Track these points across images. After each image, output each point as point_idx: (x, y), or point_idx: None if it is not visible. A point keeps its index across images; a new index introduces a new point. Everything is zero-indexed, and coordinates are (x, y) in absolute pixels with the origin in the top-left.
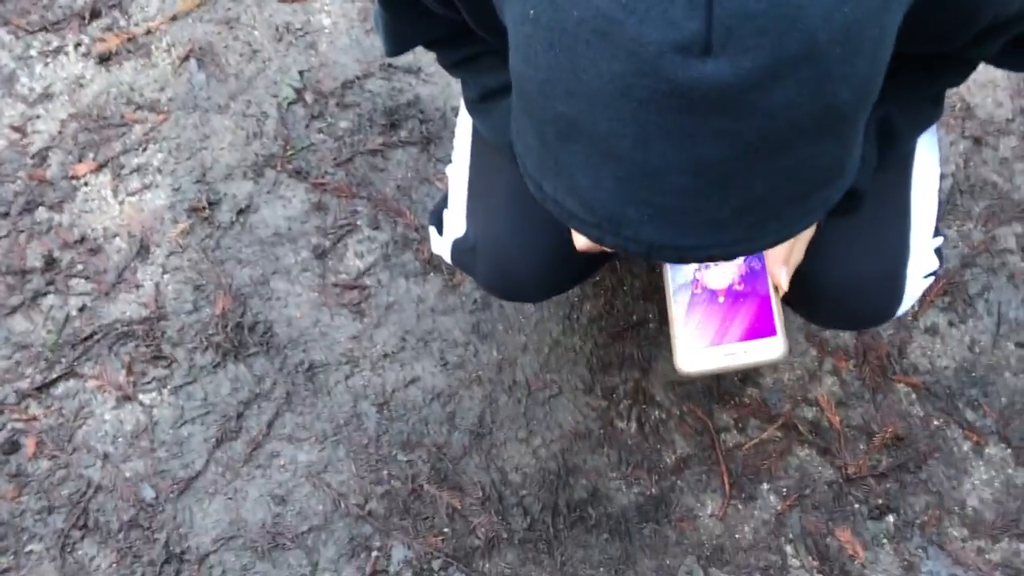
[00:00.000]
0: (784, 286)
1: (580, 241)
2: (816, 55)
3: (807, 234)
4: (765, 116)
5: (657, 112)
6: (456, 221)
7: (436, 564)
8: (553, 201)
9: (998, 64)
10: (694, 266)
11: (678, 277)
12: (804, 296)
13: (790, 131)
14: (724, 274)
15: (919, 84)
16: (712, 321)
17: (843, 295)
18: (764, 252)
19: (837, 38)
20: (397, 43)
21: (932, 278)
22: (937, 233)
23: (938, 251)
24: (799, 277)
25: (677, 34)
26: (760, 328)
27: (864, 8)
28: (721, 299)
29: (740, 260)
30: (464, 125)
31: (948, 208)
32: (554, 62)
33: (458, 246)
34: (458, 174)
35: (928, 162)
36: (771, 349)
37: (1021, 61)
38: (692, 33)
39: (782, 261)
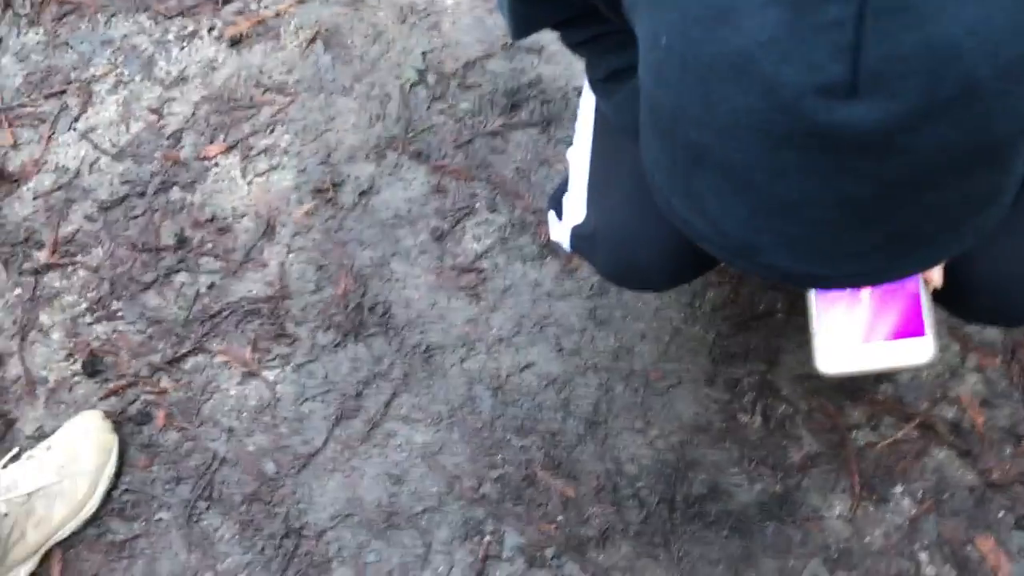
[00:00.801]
0: (938, 281)
1: None
2: (975, 94)
3: None
4: (914, 157)
5: (796, 149)
6: (576, 206)
7: (549, 552)
8: (683, 220)
9: None
10: None
11: None
12: (953, 289)
13: (940, 169)
14: None
15: None
16: (855, 319)
17: (995, 288)
18: None
19: (999, 74)
20: (522, 26)
21: None
22: None
23: None
24: (948, 268)
25: (820, 77)
26: (908, 327)
27: None
28: (866, 295)
29: None
30: (587, 107)
31: None
32: (686, 90)
33: (577, 232)
34: (579, 158)
35: None
36: (920, 351)
37: None
38: (836, 76)
39: None
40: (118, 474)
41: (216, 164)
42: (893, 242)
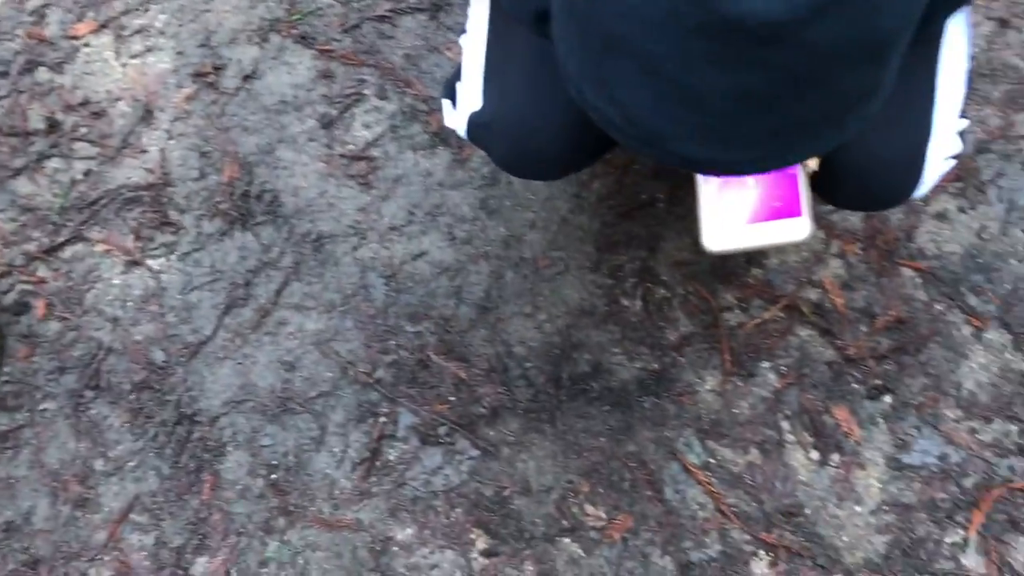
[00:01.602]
0: (813, 165)
1: None
2: None
3: None
4: (810, 49)
5: (705, 40)
6: (472, 95)
7: (442, 431)
8: (593, 107)
9: None
10: None
11: None
12: (824, 176)
13: (833, 62)
14: None
15: None
16: (739, 200)
17: (862, 174)
18: None
19: None
20: None
21: (954, 161)
22: (963, 116)
23: (962, 134)
24: (822, 157)
25: None
26: (786, 208)
27: None
28: (749, 179)
29: None
30: None
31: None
32: None
33: (474, 120)
34: (473, 45)
35: (958, 43)
36: (797, 229)
37: None
38: None
39: None
40: None
41: (86, 44)
42: (787, 130)
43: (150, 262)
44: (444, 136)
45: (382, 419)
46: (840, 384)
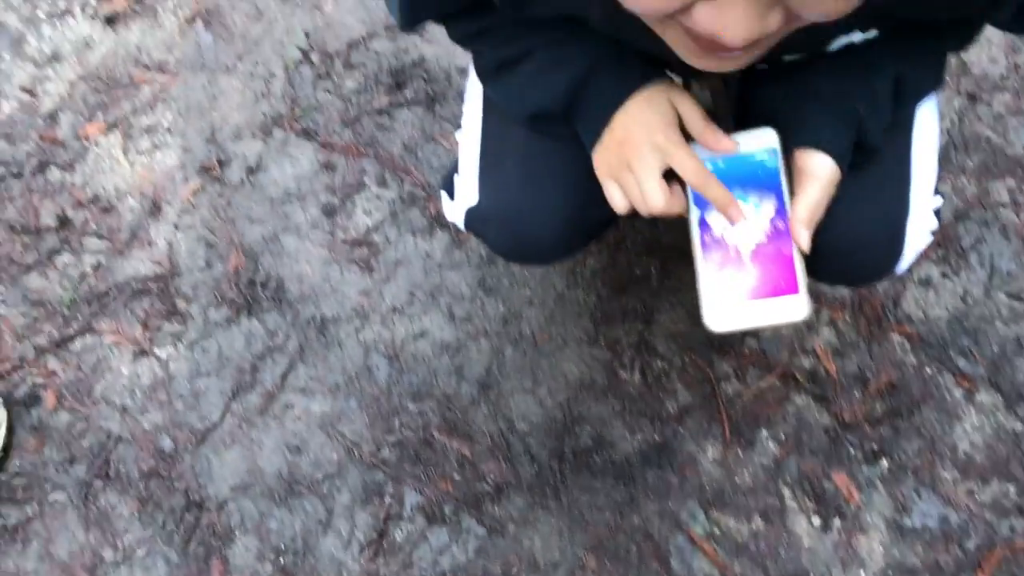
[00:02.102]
0: (806, 247)
1: (619, 205)
2: None
3: (830, 199)
4: None
5: None
6: (468, 188)
7: (447, 509)
8: None
9: (1009, 28)
10: (723, 221)
11: (705, 236)
12: (810, 254)
13: None
14: (750, 233)
15: (927, 49)
16: (738, 279)
17: (844, 252)
18: (789, 212)
19: None
20: (414, 16)
21: (931, 236)
22: (936, 192)
23: (936, 211)
24: None
25: None
26: (784, 287)
27: None
28: (747, 258)
29: (766, 219)
30: (474, 90)
31: (943, 162)
32: None
33: (471, 213)
34: (469, 140)
35: (929, 124)
36: (795, 308)
37: None
38: None
39: (806, 223)
40: (6, 451)
41: (96, 144)
42: None
43: (158, 351)
44: (442, 219)
45: (388, 499)
46: (838, 449)
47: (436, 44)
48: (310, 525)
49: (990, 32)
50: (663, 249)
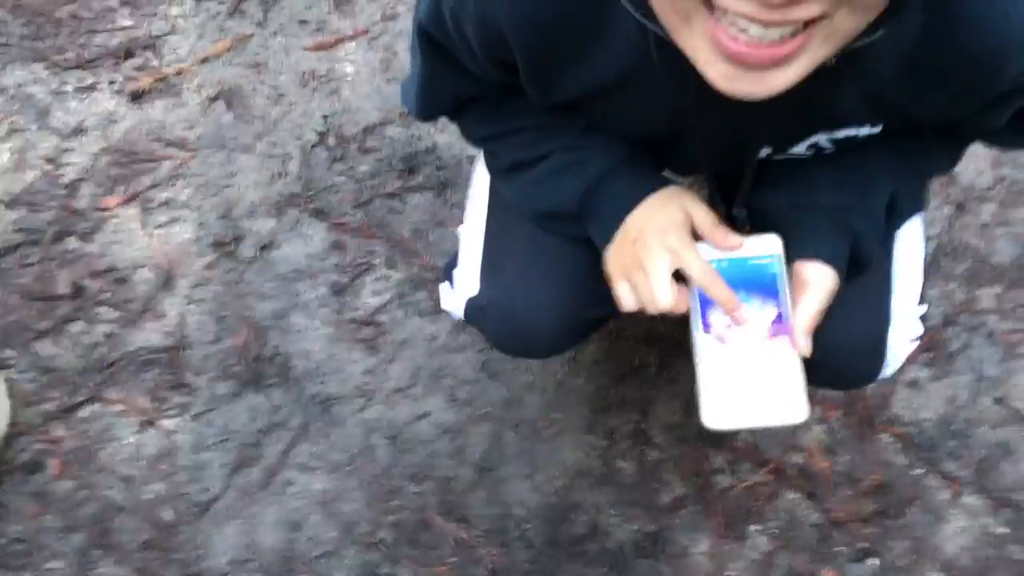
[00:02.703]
0: (807, 353)
1: (627, 303)
2: None
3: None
4: None
5: None
6: (469, 279)
7: None
8: None
9: (1000, 142)
10: (724, 322)
11: (707, 335)
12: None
13: None
14: (750, 335)
15: (918, 168)
16: (737, 379)
17: (829, 358)
18: (790, 318)
19: None
20: (430, 106)
21: (916, 343)
22: (922, 301)
23: (922, 317)
24: None
25: None
26: (783, 390)
27: None
28: (747, 359)
29: (767, 322)
30: (479, 184)
31: (932, 268)
32: None
33: (472, 305)
34: (472, 233)
35: (913, 236)
36: (793, 411)
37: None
38: None
39: (807, 330)
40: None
41: (115, 215)
42: None
43: (164, 422)
44: None
45: None
46: (827, 547)
47: (448, 132)
48: None
49: (976, 146)
50: (661, 340)
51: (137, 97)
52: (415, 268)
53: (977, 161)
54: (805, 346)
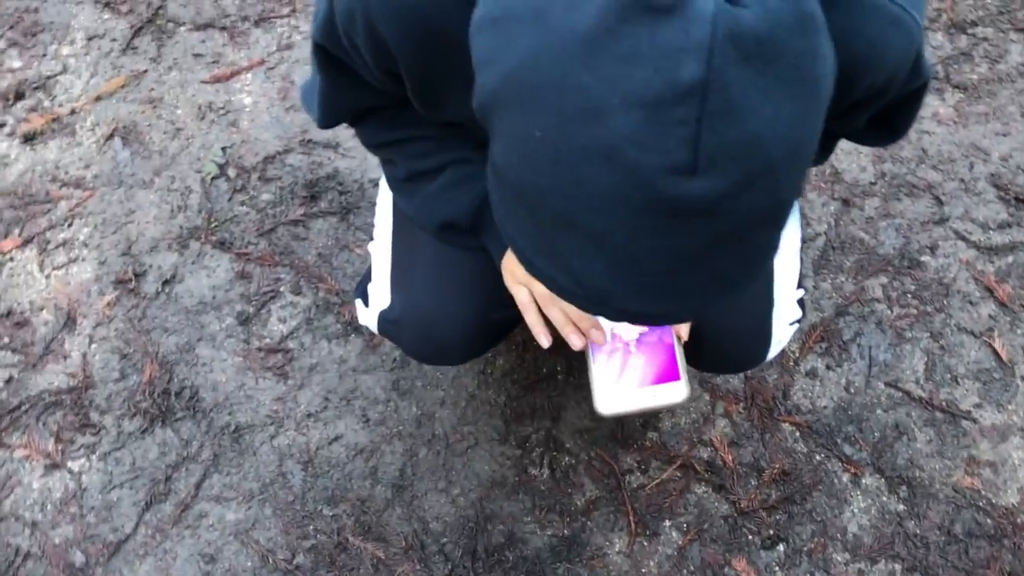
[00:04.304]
0: (685, 335)
1: (527, 307)
2: (772, 170)
3: None
4: (733, 217)
5: (649, 217)
6: (381, 294)
7: None
8: (545, 276)
9: (860, 140)
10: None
11: None
12: (687, 345)
13: (750, 225)
14: (634, 328)
15: None
16: (625, 368)
17: (717, 343)
18: None
19: (786, 154)
20: (331, 115)
21: (797, 325)
22: (800, 286)
23: (800, 302)
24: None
25: (670, 161)
26: (666, 374)
27: (807, 125)
28: (633, 349)
29: None
30: (384, 201)
31: (822, 263)
32: (558, 173)
33: (384, 317)
34: (381, 249)
35: (790, 224)
36: (676, 392)
37: (878, 137)
38: (682, 160)
39: None
40: None
41: (11, 259)
42: (712, 282)
43: (70, 464)
44: (356, 325)
45: None
46: (737, 536)
47: (349, 158)
48: None
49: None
50: (567, 348)
51: (30, 138)
52: (321, 293)
53: (860, 158)
54: (684, 329)
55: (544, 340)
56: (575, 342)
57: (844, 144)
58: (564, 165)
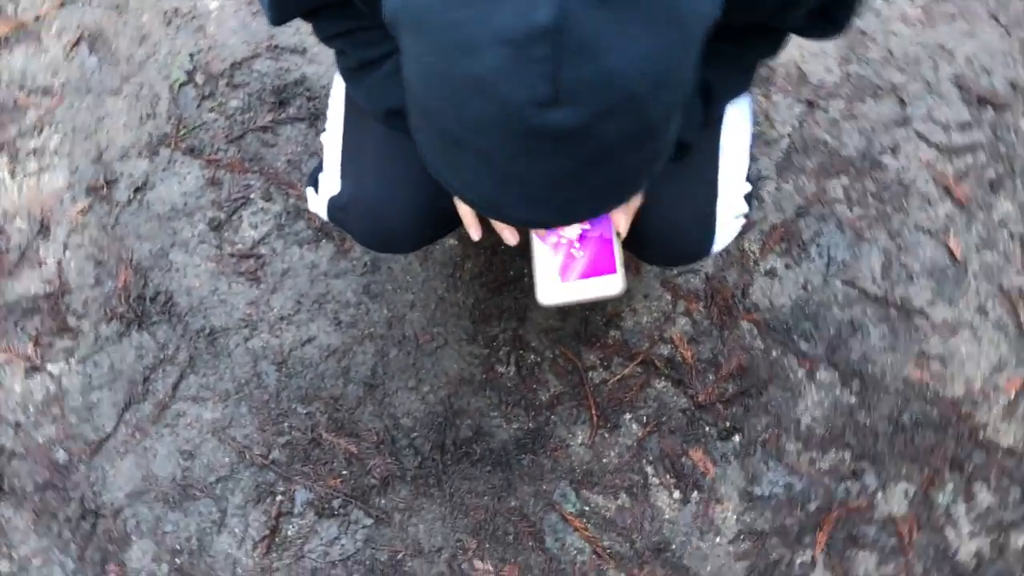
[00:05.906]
0: (623, 230)
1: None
2: (634, 99)
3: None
4: (598, 141)
5: (523, 141)
6: (331, 181)
7: (336, 503)
8: (447, 182)
9: (803, 34)
10: None
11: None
12: (632, 239)
13: (616, 147)
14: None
15: (734, 56)
16: (565, 261)
17: (662, 236)
18: None
19: (648, 85)
20: (281, 10)
21: (743, 219)
22: (749, 181)
23: (747, 197)
24: (632, 222)
25: (534, 93)
26: (603, 267)
27: (670, 58)
28: (576, 244)
29: None
30: (337, 93)
31: (784, 164)
32: (443, 97)
33: (334, 203)
34: (332, 139)
35: (738, 119)
36: (611, 284)
37: (822, 31)
38: (544, 93)
39: (622, 209)
40: None
41: None
42: (592, 195)
43: (50, 367)
44: (327, 230)
45: (279, 498)
46: (695, 428)
47: (317, 63)
48: (204, 526)
49: (826, 44)
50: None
51: None
52: (292, 199)
53: (826, 59)
54: (623, 225)
55: (474, 232)
56: (508, 238)
57: (811, 46)
58: (448, 90)
